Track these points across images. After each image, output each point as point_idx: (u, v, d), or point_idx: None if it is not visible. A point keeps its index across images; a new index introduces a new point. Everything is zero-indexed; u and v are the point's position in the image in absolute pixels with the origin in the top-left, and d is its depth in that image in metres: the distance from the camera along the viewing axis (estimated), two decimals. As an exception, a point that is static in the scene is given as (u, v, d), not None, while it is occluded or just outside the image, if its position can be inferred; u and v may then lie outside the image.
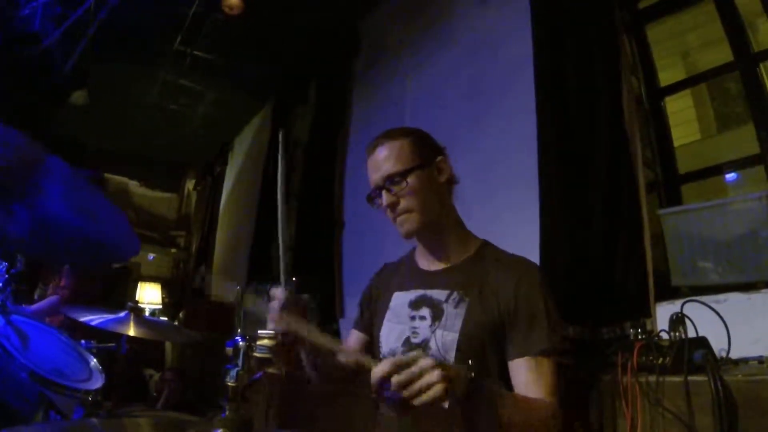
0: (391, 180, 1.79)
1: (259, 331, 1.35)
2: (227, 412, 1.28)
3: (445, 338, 1.69)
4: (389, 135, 1.88)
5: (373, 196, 1.86)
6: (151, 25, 5.39)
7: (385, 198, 1.80)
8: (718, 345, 1.98)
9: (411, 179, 1.78)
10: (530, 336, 1.65)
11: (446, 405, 1.60)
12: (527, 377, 1.61)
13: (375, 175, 1.83)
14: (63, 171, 1.50)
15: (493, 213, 2.96)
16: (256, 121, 7.72)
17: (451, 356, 1.66)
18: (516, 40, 3.30)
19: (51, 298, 3.44)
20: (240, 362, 1.29)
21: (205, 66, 6.19)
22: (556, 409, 1.59)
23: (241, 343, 1.31)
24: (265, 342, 1.33)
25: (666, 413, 1.83)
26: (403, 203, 1.79)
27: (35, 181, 1.43)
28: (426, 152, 1.86)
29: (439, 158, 1.88)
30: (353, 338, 2.06)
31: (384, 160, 1.82)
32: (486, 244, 1.91)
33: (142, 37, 5.59)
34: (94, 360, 2.26)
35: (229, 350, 1.30)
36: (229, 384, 1.28)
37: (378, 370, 1.30)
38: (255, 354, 1.32)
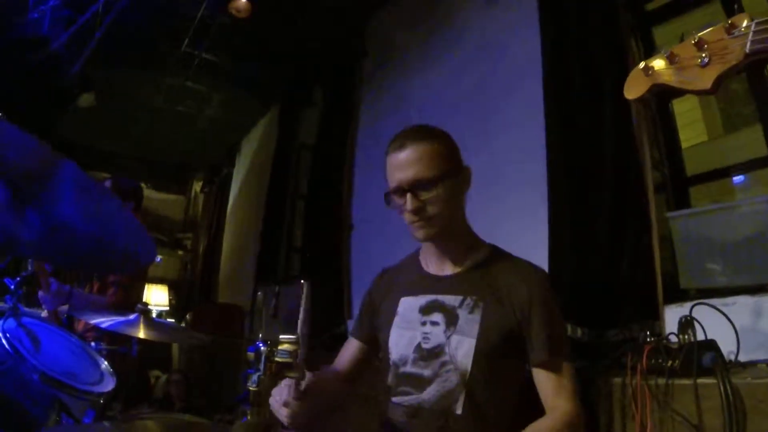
0: (419, 184, 1.69)
1: (280, 336, 1.33)
2: (249, 417, 1.27)
3: (462, 344, 1.68)
4: (421, 135, 1.76)
5: (393, 197, 1.75)
6: (158, 28, 5.42)
7: (411, 202, 1.68)
8: (726, 347, 1.98)
9: (441, 187, 1.69)
10: (547, 343, 1.64)
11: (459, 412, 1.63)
12: (550, 385, 1.62)
13: (400, 175, 1.71)
14: (77, 177, 1.50)
15: (501, 216, 2.96)
16: (263, 123, 7.75)
17: (469, 361, 1.65)
18: (523, 42, 3.31)
19: (104, 298, 3.41)
20: (261, 367, 1.28)
21: (212, 68, 6.21)
22: (579, 414, 1.59)
23: (262, 347, 1.30)
24: (286, 347, 1.32)
25: (675, 416, 1.84)
26: (429, 210, 1.69)
27: (49, 186, 1.43)
28: (456, 159, 1.79)
29: (466, 167, 1.81)
30: (351, 347, 2.00)
31: (414, 161, 1.70)
32: (494, 249, 1.87)
33: (149, 40, 5.61)
34: (105, 362, 2.26)
35: (251, 355, 1.29)
36: (250, 388, 1.27)
37: None
38: (276, 359, 1.31)
